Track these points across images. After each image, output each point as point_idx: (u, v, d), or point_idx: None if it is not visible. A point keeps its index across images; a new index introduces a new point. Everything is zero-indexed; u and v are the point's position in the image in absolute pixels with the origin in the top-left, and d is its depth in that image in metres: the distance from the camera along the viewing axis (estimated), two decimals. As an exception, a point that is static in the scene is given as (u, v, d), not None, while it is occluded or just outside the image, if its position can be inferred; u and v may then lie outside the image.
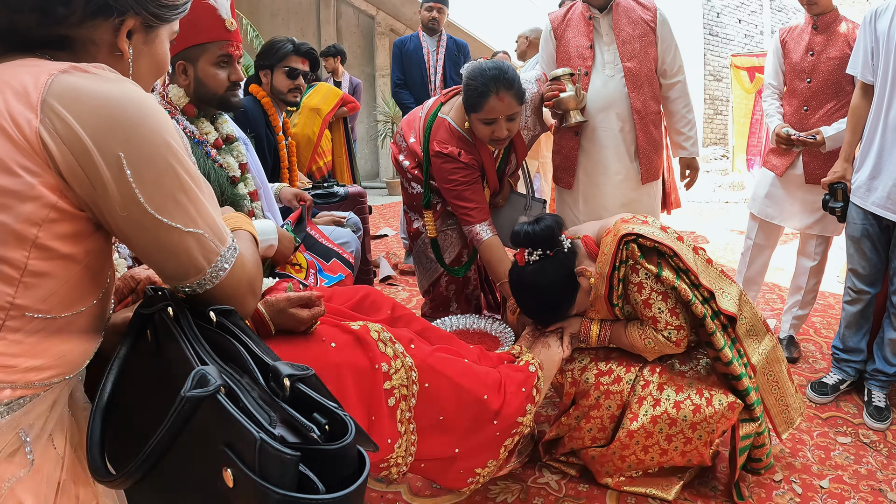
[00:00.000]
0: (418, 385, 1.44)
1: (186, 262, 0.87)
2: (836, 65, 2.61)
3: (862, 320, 2.49)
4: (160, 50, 1.02)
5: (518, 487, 1.95)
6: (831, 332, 3.21)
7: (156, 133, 0.83)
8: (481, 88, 2.19)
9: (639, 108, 2.57)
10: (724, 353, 1.76)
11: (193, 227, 0.86)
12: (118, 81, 0.83)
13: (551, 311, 1.93)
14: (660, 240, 1.74)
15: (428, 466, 1.59)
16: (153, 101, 0.85)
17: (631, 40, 2.55)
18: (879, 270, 2.40)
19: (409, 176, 2.62)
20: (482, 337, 2.37)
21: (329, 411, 0.69)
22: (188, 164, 0.88)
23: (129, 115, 0.80)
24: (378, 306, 1.70)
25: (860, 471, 2.04)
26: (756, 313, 1.93)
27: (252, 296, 0.98)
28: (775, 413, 1.97)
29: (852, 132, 2.41)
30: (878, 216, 2.29)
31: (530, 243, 1.85)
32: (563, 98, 2.42)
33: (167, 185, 0.83)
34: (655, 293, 1.77)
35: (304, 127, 4.53)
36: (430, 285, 2.76)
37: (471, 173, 2.39)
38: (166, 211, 0.83)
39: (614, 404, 1.86)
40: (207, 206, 0.90)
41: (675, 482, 1.91)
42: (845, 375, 2.54)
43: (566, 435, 1.98)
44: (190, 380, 0.68)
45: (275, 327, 1.30)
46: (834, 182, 2.44)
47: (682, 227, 6.04)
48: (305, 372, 0.76)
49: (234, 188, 1.95)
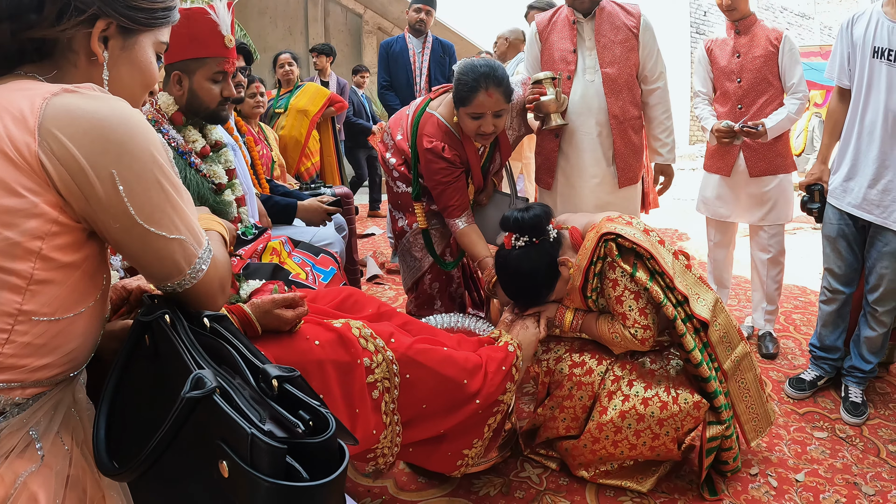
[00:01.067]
0: (399, 377, 1.51)
1: (170, 264, 0.94)
2: (762, 62, 2.82)
3: (838, 319, 2.54)
4: (142, 58, 1.03)
5: (500, 481, 1.99)
6: (811, 328, 3.26)
7: (143, 150, 0.88)
8: (471, 83, 2.26)
9: (616, 114, 2.60)
10: (694, 355, 1.82)
11: (177, 234, 0.93)
12: (107, 99, 0.88)
13: (531, 296, 2.02)
14: (638, 241, 1.80)
15: (416, 451, 1.66)
16: (139, 117, 0.90)
17: (612, 46, 2.58)
18: (855, 270, 2.46)
19: (395, 174, 2.65)
20: (466, 335, 2.40)
21: (312, 409, 0.76)
22: (171, 175, 0.93)
23: (119, 133, 0.86)
24: (361, 306, 1.75)
25: (836, 465, 2.09)
26: (731, 322, 1.98)
27: (222, 294, 1.05)
28: (745, 420, 2.03)
29: (829, 135, 2.50)
30: (853, 216, 2.35)
31: (518, 229, 1.95)
32: (543, 101, 2.48)
33: (154, 198, 0.90)
34: (628, 291, 1.84)
35: (292, 129, 4.54)
36: (414, 283, 2.78)
37: (454, 171, 2.45)
38: (154, 221, 0.90)
39: (586, 395, 1.93)
40: (188, 212, 0.96)
41: (649, 475, 1.96)
42: (822, 372, 2.59)
43: (542, 425, 2.04)
44: (189, 382, 0.76)
45: (262, 327, 1.35)
46: (811, 183, 2.51)
47: (664, 223, 6.11)
48: (292, 373, 0.82)
49: (219, 196, 1.97)
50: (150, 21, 1.02)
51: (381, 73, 4.60)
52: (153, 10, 1.02)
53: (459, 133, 2.46)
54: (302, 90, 4.70)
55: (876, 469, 2.07)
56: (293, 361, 1.32)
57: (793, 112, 2.77)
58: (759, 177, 2.89)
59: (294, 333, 1.39)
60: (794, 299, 3.80)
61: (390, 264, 4.53)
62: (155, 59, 1.07)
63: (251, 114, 3.66)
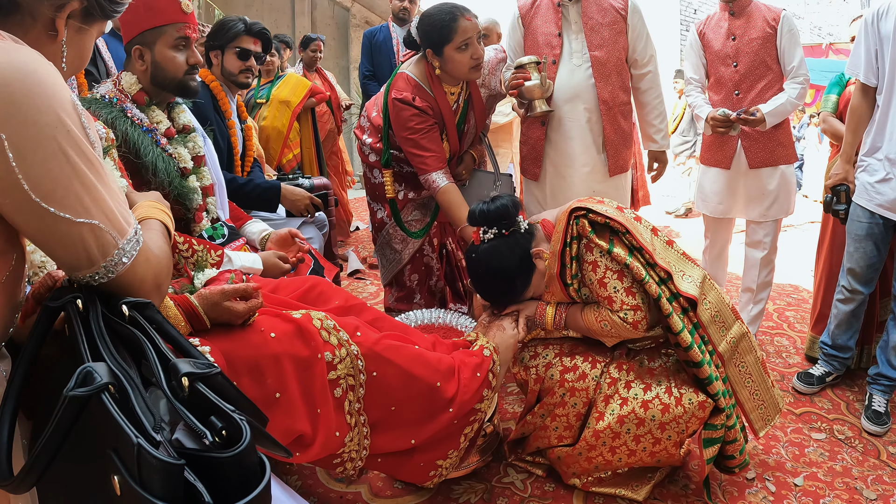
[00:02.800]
0: (366, 374, 1.37)
1: (79, 252, 0.80)
2: (760, 45, 2.65)
3: (853, 319, 2.45)
4: (88, 44, 0.97)
5: (482, 487, 1.88)
6: (804, 325, 3.18)
7: (45, 111, 0.75)
8: (447, 17, 2.24)
9: (606, 99, 2.50)
10: (683, 337, 1.66)
11: (86, 218, 0.79)
12: (7, 49, 0.75)
13: (505, 293, 1.87)
14: (610, 215, 1.67)
15: (385, 461, 1.52)
16: (47, 72, 0.78)
17: (600, 29, 2.48)
18: (876, 271, 2.36)
19: (371, 160, 2.57)
20: (447, 332, 2.29)
21: (226, 415, 0.63)
22: (84, 145, 0.80)
23: (12, 89, 0.72)
24: (326, 297, 1.61)
25: (835, 468, 2.00)
26: (723, 299, 1.83)
27: (156, 292, 0.91)
28: (750, 408, 1.86)
29: (853, 134, 2.36)
30: (884, 216, 2.24)
31: (485, 221, 1.81)
32: (527, 87, 2.38)
33: (56, 171, 0.76)
34: (611, 272, 1.69)
35: (274, 119, 4.48)
36: (394, 277, 2.69)
37: (426, 120, 2.38)
38: (54, 200, 0.76)
39: (580, 402, 1.78)
40: (104, 193, 0.82)
41: (645, 482, 1.84)
42: (832, 369, 2.51)
43: (532, 434, 1.91)
44: (75, 377, 0.63)
45: (210, 321, 1.22)
46: (837, 184, 2.39)
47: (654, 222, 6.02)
48: (208, 370, 0.69)
49: (184, 180, 1.86)
50: (111, 12, 0.96)
51: (363, 63, 4.50)
52: (121, 3, 0.97)
53: (431, 88, 2.40)
54: (283, 80, 4.60)
55: (877, 472, 1.98)
56: (246, 356, 1.20)
57: (793, 97, 2.60)
58: (760, 168, 2.73)
59: (247, 326, 1.26)
60: (786, 296, 3.72)
61: (372, 259, 4.40)
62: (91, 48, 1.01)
63: None
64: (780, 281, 3.94)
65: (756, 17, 2.68)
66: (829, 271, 2.72)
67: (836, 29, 16.55)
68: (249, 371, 1.20)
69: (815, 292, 2.82)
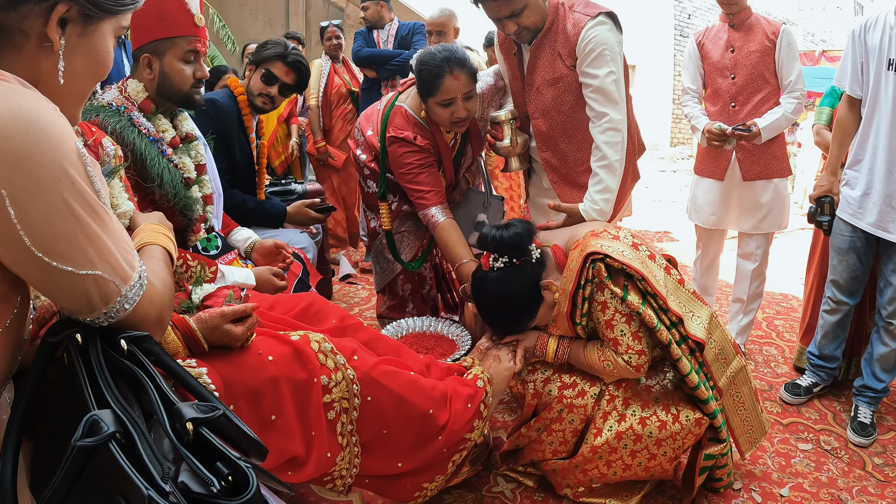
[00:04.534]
0: (360, 398, 1.38)
1: (81, 300, 0.79)
2: (759, 58, 2.64)
3: (839, 329, 2.47)
4: (101, 46, 0.89)
5: (472, 497, 1.89)
6: (793, 334, 3.21)
7: (48, 165, 0.72)
8: (435, 71, 2.14)
9: (556, 167, 2.26)
10: (691, 379, 1.68)
11: (89, 269, 0.77)
12: (9, 95, 0.72)
13: (510, 323, 1.84)
14: (627, 262, 1.63)
15: (372, 482, 1.54)
16: (51, 120, 0.74)
17: (544, 89, 2.16)
18: (861, 282, 2.38)
19: (365, 172, 2.56)
20: (439, 340, 2.30)
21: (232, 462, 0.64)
22: (88, 195, 0.77)
23: (14, 142, 0.69)
24: (323, 315, 1.62)
25: (821, 478, 2.02)
26: (726, 336, 1.86)
27: (158, 327, 0.91)
28: (740, 433, 1.91)
29: (838, 145, 2.37)
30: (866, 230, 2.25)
31: (497, 249, 1.74)
32: (499, 146, 2.28)
33: (59, 225, 0.74)
34: (619, 314, 1.67)
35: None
36: (387, 285, 2.69)
37: (426, 157, 2.33)
38: (57, 254, 0.74)
39: (577, 418, 1.78)
40: (108, 242, 0.80)
41: (635, 493, 1.86)
42: (819, 379, 2.54)
43: (526, 446, 1.91)
44: (81, 426, 0.64)
45: (209, 344, 1.23)
46: (821, 196, 2.41)
47: (646, 225, 6.04)
48: (211, 414, 0.70)
49: (187, 191, 1.86)
50: (116, 7, 0.88)
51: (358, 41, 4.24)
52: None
53: (429, 125, 2.35)
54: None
55: (862, 483, 2.00)
56: (243, 380, 1.20)
57: (789, 112, 2.60)
58: (753, 181, 2.73)
59: (245, 349, 1.26)
60: (776, 304, 3.75)
61: (364, 263, 4.40)
62: (112, 48, 0.93)
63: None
64: (770, 289, 3.96)
65: (756, 30, 2.67)
66: (819, 282, 2.72)
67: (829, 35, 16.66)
68: (246, 394, 1.20)
69: (806, 303, 2.83)
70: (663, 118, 14.05)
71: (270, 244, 2.08)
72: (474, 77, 2.20)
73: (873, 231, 2.22)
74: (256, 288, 1.78)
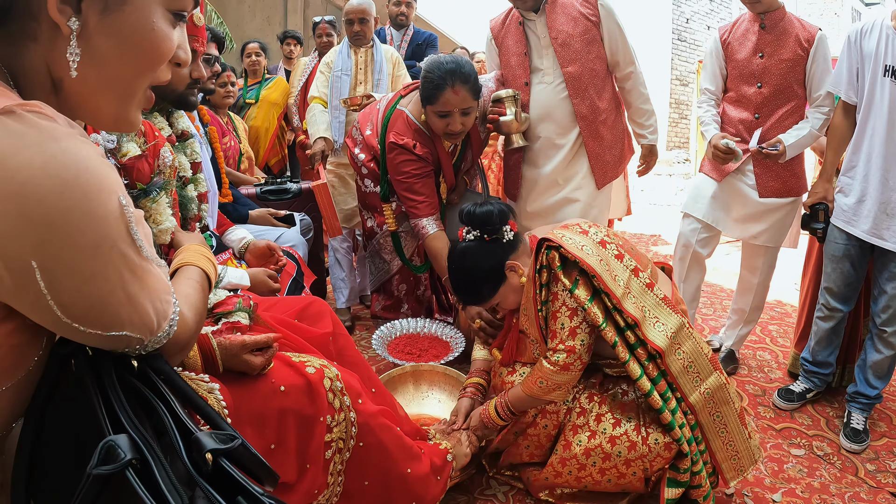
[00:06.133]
0: (355, 441, 1.38)
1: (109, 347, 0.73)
2: (789, 67, 2.44)
3: (833, 336, 2.46)
4: (137, 23, 0.71)
5: (465, 499, 1.88)
6: (787, 340, 3.21)
7: (86, 230, 0.62)
8: (437, 81, 2.17)
9: (585, 114, 2.46)
10: (641, 384, 1.65)
11: (119, 331, 0.70)
12: (45, 143, 0.59)
13: (469, 293, 1.90)
14: (581, 256, 1.64)
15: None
16: (91, 176, 0.62)
17: (570, 42, 2.39)
18: (855, 289, 2.38)
19: (363, 171, 2.55)
20: (432, 341, 2.30)
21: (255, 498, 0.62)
22: (129, 257, 0.68)
23: (48, 207, 0.58)
24: (321, 317, 1.62)
25: (813, 484, 2.02)
26: (700, 350, 1.72)
27: (179, 355, 0.87)
28: (723, 458, 1.77)
29: (833, 152, 2.35)
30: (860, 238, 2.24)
31: (469, 222, 1.83)
32: (503, 122, 2.36)
33: (93, 294, 0.65)
34: (565, 307, 1.68)
35: (263, 120, 4.53)
36: (382, 285, 2.68)
37: (423, 166, 2.35)
38: (88, 321, 0.66)
39: (551, 424, 1.79)
40: (143, 300, 0.71)
41: (618, 498, 1.84)
42: (812, 385, 2.52)
43: (505, 450, 1.92)
44: (97, 453, 0.60)
45: (225, 369, 1.22)
46: (816, 202, 2.39)
47: (640, 228, 6.05)
48: (231, 445, 0.66)
49: (183, 190, 1.85)
50: None
51: None
52: None
53: (429, 131, 2.36)
54: (274, 83, 4.60)
55: (854, 489, 2.00)
56: (253, 407, 1.19)
57: (816, 128, 2.42)
58: (770, 198, 2.54)
59: None
60: (770, 310, 3.75)
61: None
62: (164, 25, 0.74)
63: (221, 104, 3.52)
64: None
65: (789, 34, 2.42)
66: (814, 288, 2.69)
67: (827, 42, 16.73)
68: (253, 421, 1.19)
69: (801, 309, 2.81)
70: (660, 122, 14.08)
71: (263, 245, 2.07)
72: (476, 94, 2.25)
73: (868, 238, 2.21)
74: (250, 289, 1.77)
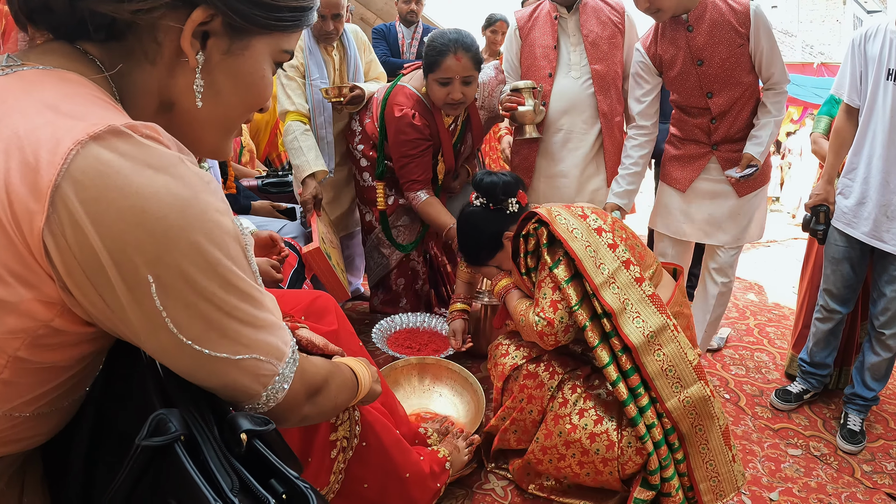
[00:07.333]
0: (358, 440, 1.38)
1: (237, 388, 0.71)
2: (734, 64, 2.23)
3: (831, 337, 2.46)
4: (250, 69, 0.75)
5: (462, 493, 1.88)
6: (785, 342, 3.21)
7: (203, 250, 0.61)
8: (440, 48, 2.25)
9: (605, 111, 2.51)
10: (608, 371, 1.63)
11: (245, 354, 0.68)
12: (165, 165, 0.60)
13: (470, 254, 2.07)
14: (565, 238, 1.66)
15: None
16: (208, 198, 0.63)
17: (599, 42, 2.47)
18: (854, 291, 2.38)
19: (362, 164, 2.57)
20: (432, 336, 2.30)
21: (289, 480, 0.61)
22: (244, 282, 0.67)
23: (169, 222, 0.58)
24: (326, 311, 1.62)
25: (810, 484, 2.02)
26: (685, 356, 1.64)
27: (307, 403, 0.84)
28: (700, 477, 1.68)
29: (835, 154, 2.34)
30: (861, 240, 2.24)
31: (477, 189, 2.00)
32: (520, 112, 2.40)
33: (212, 312, 0.64)
34: (549, 279, 1.72)
35: (263, 114, 4.45)
36: (381, 280, 2.69)
37: (422, 144, 2.40)
38: (208, 341, 0.65)
39: (535, 409, 1.81)
40: (262, 316, 0.71)
41: (609, 496, 1.84)
42: (810, 386, 2.53)
43: (495, 436, 1.93)
44: (147, 425, 0.58)
45: None
46: (817, 204, 2.38)
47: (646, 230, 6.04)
48: (265, 427, 0.64)
49: None
50: (271, 22, 0.73)
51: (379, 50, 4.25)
52: (279, 7, 0.73)
53: (431, 104, 2.42)
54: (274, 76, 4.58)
55: (850, 489, 2.00)
56: None
57: (777, 115, 2.28)
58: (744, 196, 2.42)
59: None
60: (767, 312, 3.76)
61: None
62: (270, 74, 0.78)
63: None
64: (763, 298, 3.99)
65: (720, 26, 2.17)
66: (812, 290, 2.71)
67: (827, 48, 16.76)
68: None
69: (798, 310, 2.82)
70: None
71: (266, 236, 2.07)
72: (478, 64, 2.31)
73: (868, 241, 2.21)
74: None
